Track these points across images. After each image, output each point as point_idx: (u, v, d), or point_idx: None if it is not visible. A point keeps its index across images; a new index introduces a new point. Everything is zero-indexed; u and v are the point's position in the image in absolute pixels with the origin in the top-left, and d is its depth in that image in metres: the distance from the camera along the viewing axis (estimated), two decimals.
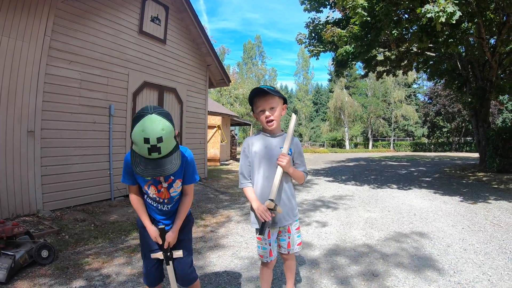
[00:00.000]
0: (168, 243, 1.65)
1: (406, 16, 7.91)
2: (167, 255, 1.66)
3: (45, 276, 2.50)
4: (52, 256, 2.78)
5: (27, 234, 2.88)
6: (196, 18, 7.47)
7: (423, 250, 3.17)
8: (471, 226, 4.06)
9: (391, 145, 38.73)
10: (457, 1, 5.66)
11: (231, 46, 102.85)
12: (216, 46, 38.95)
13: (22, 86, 4.15)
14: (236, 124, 19.18)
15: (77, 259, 2.88)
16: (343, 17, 9.57)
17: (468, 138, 32.56)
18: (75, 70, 4.88)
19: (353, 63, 10.21)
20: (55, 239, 3.37)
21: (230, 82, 9.89)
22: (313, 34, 10.21)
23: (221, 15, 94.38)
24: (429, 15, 5.67)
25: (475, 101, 10.30)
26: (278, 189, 1.79)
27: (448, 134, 32.98)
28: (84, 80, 5.03)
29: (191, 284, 1.79)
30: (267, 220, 1.72)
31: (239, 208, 5.16)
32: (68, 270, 2.64)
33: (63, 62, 4.70)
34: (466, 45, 9.71)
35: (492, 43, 9.82)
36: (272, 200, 1.74)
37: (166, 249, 1.66)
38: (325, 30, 8.36)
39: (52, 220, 4.08)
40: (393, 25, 7.24)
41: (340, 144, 42.57)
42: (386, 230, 3.90)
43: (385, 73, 12.21)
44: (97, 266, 2.74)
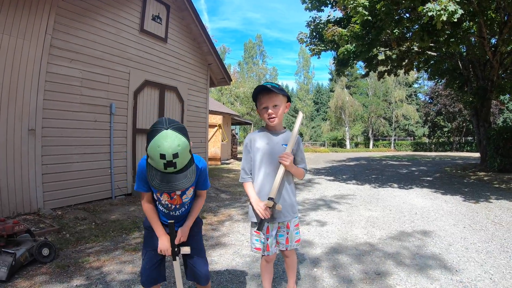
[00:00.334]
0: (179, 238, 1.66)
1: (407, 15, 7.90)
2: (175, 250, 1.66)
3: (46, 274, 2.50)
4: (53, 255, 2.77)
5: (28, 232, 2.87)
6: (197, 17, 7.46)
7: (425, 249, 3.16)
8: (473, 225, 4.05)
9: (392, 144, 38.71)
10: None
11: (232, 45, 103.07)
12: (217, 45, 38.90)
13: (23, 85, 4.14)
14: (237, 123, 19.19)
15: (78, 257, 2.87)
16: (344, 16, 9.56)
17: (469, 137, 32.52)
18: (76, 68, 4.88)
19: (354, 62, 10.20)
20: (56, 238, 3.36)
21: (231, 81, 9.88)
22: (314, 33, 10.21)
23: (222, 15, 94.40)
24: (430, 14, 5.66)
25: (476, 101, 10.28)
26: (279, 187, 1.80)
27: (449, 134, 32.93)
28: (85, 78, 5.02)
29: (207, 283, 1.80)
30: (265, 218, 1.75)
31: (240, 207, 5.16)
32: (69, 268, 2.63)
33: (64, 61, 4.69)
34: (467, 44, 9.70)
35: (493, 42, 9.80)
36: (272, 198, 1.75)
37: (175, 245, 1.66)
38: (326, 29, 8.36)
39: (53, 218, 4.08)
40: (394, 24, 7.23)
41: (340, 144, 42.54)
42: (388, 229, 3.89)
43: (386, 73, 12.20)
44: (98, 264, 2.73)
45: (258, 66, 49.85)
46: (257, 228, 1.81)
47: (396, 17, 7.24)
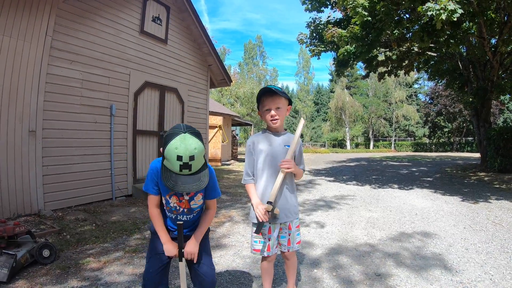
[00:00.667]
0: (187, 254, 1.66)
1: (407, 16, 7.90)
2: (182, 251, 1.66)
3: (46, 276, 2.50)
4: (54, 256, 2.77)
5: (28, 233, 2.87)
6: (197, 18, 7.47)
7: (425, 250, 3.16)
8: (473, 225, 4.05)
9: (392, 145, 38.70)
10: None
11: (232, 46, 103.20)
12: (217, 46, 38.95)
13: (24, 86, 4.15)
14: (237, 124, 19.19)
15: (79, 258, 2.88)
16: (344, 17, 9.58)
17: (469, 138, 32.52)
18: (76, 70, 4.88)
19: (354, 63, 10.21)
20: (56, 239, 3.36)
21: (231, 82, 9.88)
22: (314, 34, 10.22)
23: (222, 16, 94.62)
24: (430, 13, 5.67)
25: (476, 101, 10.28)
26: (279, 190, 1.84)
27: (449, 134, 32.93)
28: (86, 80, 5.03)
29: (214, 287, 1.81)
30: (264, 221, 1.79)
31: (240, 208, 5.16)
32: (70, 269, 2.63)
33: (64, 62, 4.70)
34: (467, 45, 9.71)
35: (493, 42, 9.80)
36: (270, 202, 1.79)
37: (182, 246, 1.66)
38: (326, 30, 8.36)
39: (53, 219, 4.08)
40: (394, 25, 7.24)
41: (341, 144, 42.56)
42: (388, 230, 3.89)
43: (386, 74, 12.20)
44: (98, 266, 2.73)
45: (258, 67, 49.95)
46: (255, 230, 1.85)
47: (396, 18, 7.24)
